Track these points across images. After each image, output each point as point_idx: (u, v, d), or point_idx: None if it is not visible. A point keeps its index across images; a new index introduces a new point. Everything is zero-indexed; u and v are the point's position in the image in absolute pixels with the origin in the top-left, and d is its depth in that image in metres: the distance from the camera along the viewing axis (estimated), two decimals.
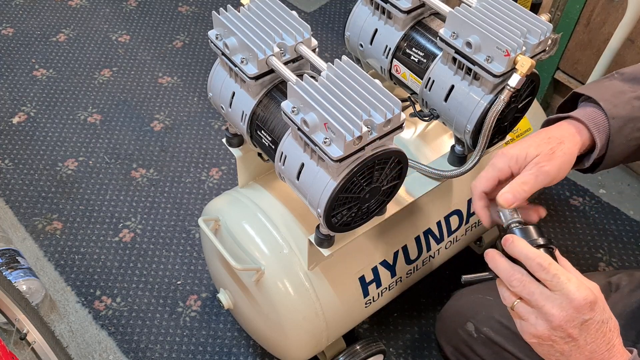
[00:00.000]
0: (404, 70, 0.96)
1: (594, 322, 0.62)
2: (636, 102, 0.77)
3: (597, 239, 1.50)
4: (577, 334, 0.62)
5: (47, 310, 1.34)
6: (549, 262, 0.63)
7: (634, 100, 0.77)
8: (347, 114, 0.70)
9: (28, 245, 1.44)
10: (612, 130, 0.76)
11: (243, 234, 0.99)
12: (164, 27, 2.00)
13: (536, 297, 0.63)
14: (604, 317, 0.62)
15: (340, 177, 0.74)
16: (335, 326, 1.03)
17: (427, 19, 0.95)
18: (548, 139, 0.75)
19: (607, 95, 0.77)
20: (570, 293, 0.61)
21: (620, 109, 0.76)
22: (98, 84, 1.80)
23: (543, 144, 0.74)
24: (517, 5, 0.85)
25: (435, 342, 1.30)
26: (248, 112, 0.86)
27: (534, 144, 0.75)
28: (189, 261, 1.43)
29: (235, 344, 1.30)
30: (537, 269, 0.64)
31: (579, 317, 0.61)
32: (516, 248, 0.66)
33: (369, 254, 1.02)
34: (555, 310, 0.62)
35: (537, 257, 0.64)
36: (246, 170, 1.04)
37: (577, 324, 0.61)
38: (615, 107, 0.76)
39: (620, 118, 0.76)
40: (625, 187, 1.61)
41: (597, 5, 1.46)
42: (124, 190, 1.55)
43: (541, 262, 0.63)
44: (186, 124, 1.71)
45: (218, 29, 0.85)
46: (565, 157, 0.74)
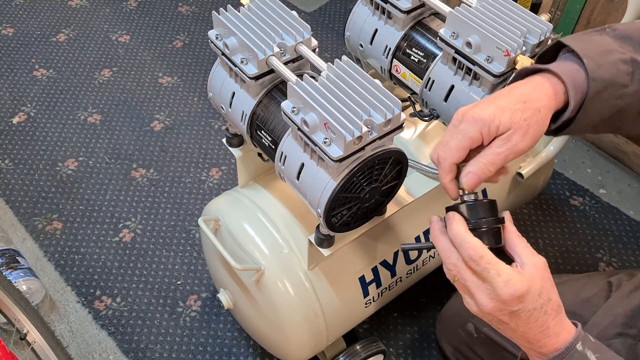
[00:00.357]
0: (404, 70, 0.96)
1: (524, 311, 0.62)
2: (622, 66, 0.67)
3: (597, 239, 1.50)
4: (508, 320, 0.63)
5: (47, 310, 1.34)
6: (480, 255, 0.62)
7: (621, 63, 0.67)
8: (347, 114, 0.71)
9: (28, 245, 1.44)
10: (589, 92, 0.66)
11: (243, 234, 0.99)
12: (164, 27, 2.00)
13: (469, 284, 0.64)
14: (537, 304, 0.62)
15: (340, 177, 0.74)
16: (335, 326, 1.03)
17: (427, 19, 0.95)
18: (523, 103, 0.65)
19: (593, 52, 0.67)
20: (498, 288, 0.61)
21: (604, 70, 0.66)
22: (98, 84, 1.80)
23: (518, 111, 0.64)
24: (517, 5, 0.85)
25: (435, 342, 1.30)
26: (248, 112, 0.86)
27: (508, 109, 0.64)
28: (189, 261, 1.43)
29: (235, 344, 1.30)
30: (468, 260, 0.63)
31: (507, 309, 0.62)
32: (452, 232, 0.64)
33: (369, 254, 1.02)
34: (485, 300, 0.63)
35: (470, 247, 0.62)
36: (246, 170, 1.04)
37: (505, 313, 0.62)
38: (599, 67, 0.66)
39: (601, 81, 0.66)
40: (625, 187, 1.61)
41: (597, 5, 1.46)
42: (124, 190, 1.55)
43: (472, 255, 0.62)
44: (186, 124, 1.71)
45: (218, 29, 0.85)
46: (539, 128, 0.66)
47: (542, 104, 0.65)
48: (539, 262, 0.64)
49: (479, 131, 0.64)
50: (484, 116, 0.64)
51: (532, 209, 1.55)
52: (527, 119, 0.64)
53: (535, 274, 0.63)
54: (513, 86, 0.68)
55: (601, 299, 0.93)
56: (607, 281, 0.96)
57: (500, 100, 0.65)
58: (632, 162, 1.63)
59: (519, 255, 0.65)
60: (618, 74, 0.67)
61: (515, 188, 1.19)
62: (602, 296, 0.94)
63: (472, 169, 0.66)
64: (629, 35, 0.70)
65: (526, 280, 0.62)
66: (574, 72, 0.67)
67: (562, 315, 0.64)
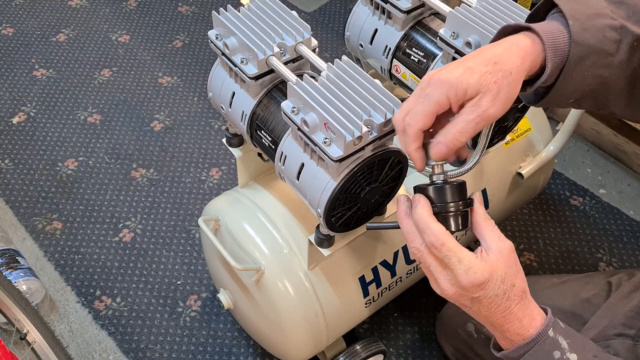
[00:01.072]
0: (404, 70, 0.96)
1: (485, 297, 0.62)
2: (610, 32, 0.62)
3: (597, 239, 1.50)
4: (470, 304, 0.63)
5: (47, 310, 1.34)
6: (441, 243, 0.61)
7: (609, 29, 0.62)
8: (347, 114, 0.71)
9: (28, 245, 1.44)
10: (570, 57, 0.61)
11: (243, 234, 0.99)
12: (164, 27, 2.00)
13: (431, 269, 0.64)
14: (500, 290, 0.62)
15: (340, 177, 0.74)
16: (335, 326, 1.03)
17: (427, 19, 0.95)
18: (494, 64, 0.60)
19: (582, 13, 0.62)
20: (458, 276, 0.61)
21: (590, 35, 0.61)
22: (98, 84, 1.80)
23: (487, 74, 0.59)
24: (517, 5, 0.85)
25: (435, 342, 1.30)
26: (248, 112, 0.86)
27: (477, 71, 0.59)
28: (189, 261, 1.43)
29: (235, 344, 1.30)
30: (429, 246, 0.62)
31: (468, 295, 0.62)
32: (416, 215, 0.63)
33: (369, 254, 1.02)
34: (446, 285, 0.63)
35: (432, 234, 0.61)
36: (246, 170, 1.04)
37: (467, 298, 0.63)
38: (584, 30, 0.61)
39: (585, 45, 0.61)
40: (625, 187, 1.61)
41: None
42: (124, 190, 1.55)
43: (433, 242, 0.61)
44: (186, 124, 1.71)
45: (218, 29, 0.85)
46: (511, 91, 0.60)
47: (514, 65, 0.60)
48: (505, 247, 0.63)
49: (446, 95, 0.60)
50: (450, 78, 0.59)
51: (532, 209, 1.55)
52: (497, 81, 0.59)
53: (500, 259, 0.62)
54: (485, 47, 0.63)
55: (601, 299, 0.93)
56: (607, 281, 0.96)
57: (469, 62, 0.60)
58: (632, 162, 1.63)
59: (484, 240, 0.64)
60: (604, 40, 0.62)
61: (515, 188, 1.19)
62: (602, 296, 0.94)
63: (442, 138, 0.61)
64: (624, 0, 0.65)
65: (488, 267, 0.61)
66: (556, 33, 0.62)
67: (526, 300, 0.64)
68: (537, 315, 0.64)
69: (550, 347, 0.62)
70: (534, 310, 0.64)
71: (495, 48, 0.62)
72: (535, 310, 0.64)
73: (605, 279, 0.97)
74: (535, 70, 0.63)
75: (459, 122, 0.60)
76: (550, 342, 0.62)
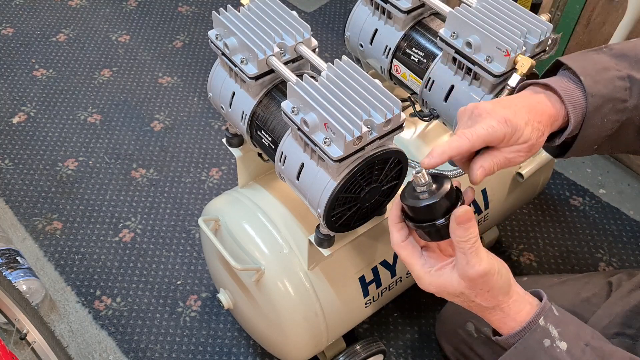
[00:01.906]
0: (404, 70, 0.96)
1: (463, 301, 0.67)
2: (619, 82, 0.71)
3: (597, 239, 1.50)
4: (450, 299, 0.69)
5: (47, 310, 1.34)
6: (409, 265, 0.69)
7: (617, 79, 0.71)
8: (347, 114, 0.71)
9: (28, 245, 1.44)
10: (589, 108, 0.69)
11: (243, 234, 0.99)
12: (164, 27, 2.00)
13: (413, 273, 0.69)
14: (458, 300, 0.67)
15: (340, 177, 0.74)
16: (335, 326, 1.03)
17: (427, 19, 0.95)
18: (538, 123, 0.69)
19: (590, 69, 0.71)
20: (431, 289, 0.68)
21: (602, 86, 0.70)
22: (98, 84, 1.80)
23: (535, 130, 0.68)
24: (517, 5, 0.85)
25: (435, 342, 1.30)
26: (248, 112, 0.86)
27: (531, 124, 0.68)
28: (189, 261, 1.43)
29: (235, 344, 1.30)
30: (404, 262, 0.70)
31: (446, 297, 0.68)
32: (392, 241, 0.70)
33: (369, 254, 1.02)
34: (425, 286, 0.68)
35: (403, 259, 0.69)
36: (246, 170, 1.04)
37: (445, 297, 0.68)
38: (596, 83, 0.70)
39: (599, 96, 0.69)
40: (625, 187, 1.61)
41: (597, 5, 1.46)
42: (124, 190, 1.55)
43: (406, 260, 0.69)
44: (186, 124, 1.71)
45: (218, 29, 0.85)
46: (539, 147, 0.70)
47: (547, 125, 0.69)
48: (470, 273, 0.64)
49: (504, 134, 0.67)
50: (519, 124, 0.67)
51: (532, 209, 1.55)
52: (538, 138, 0.68)
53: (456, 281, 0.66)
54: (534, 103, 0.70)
55: (601, 299, 0.93)
56: (607, 281, 0.96)
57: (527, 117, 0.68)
58: (632, 162, 1.63)
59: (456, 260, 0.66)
60: (615, 89, 0.70)
61: (515, 188, 1.19)
62: (602, 296, 0.94)
63: (485, 164, 0.68)
64: (624, 53, 0.73)
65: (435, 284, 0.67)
66: (571, 90, 0.70)
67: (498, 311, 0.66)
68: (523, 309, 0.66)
69: (541, 336, 0.63)
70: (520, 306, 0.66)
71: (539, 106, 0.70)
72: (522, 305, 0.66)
73: (605, 279, 0.97)
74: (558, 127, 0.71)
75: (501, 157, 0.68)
76: (540, 331, 0.64)
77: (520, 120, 0.67)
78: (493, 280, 0.64)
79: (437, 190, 0.66)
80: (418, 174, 0.66)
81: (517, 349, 0.64)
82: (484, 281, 0.64)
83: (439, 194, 0.65)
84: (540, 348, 0.63)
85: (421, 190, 0.66)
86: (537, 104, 0.69)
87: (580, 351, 0.63)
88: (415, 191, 0.67)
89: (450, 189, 0.66)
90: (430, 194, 0.66)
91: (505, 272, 0.66)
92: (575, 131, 0.71)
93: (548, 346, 0.63)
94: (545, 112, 0.69)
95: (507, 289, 0.65)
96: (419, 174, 0.66)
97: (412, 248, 0.69)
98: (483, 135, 0.67)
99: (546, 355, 0.63)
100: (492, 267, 0.64)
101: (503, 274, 0.65)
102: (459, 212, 0.64)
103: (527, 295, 0.67)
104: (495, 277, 0.64)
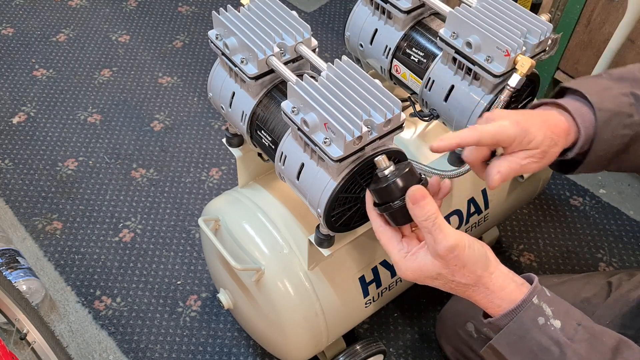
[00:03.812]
0: (404, 70, 0.96)
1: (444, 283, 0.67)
2: (623, 98, 0.75)
3: (597, 239, 1.50)
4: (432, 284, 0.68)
5: (47, 310, 1.34)
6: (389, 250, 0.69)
7: (621, 96, 0.75)
8: (347, 114, 0.70)
9: (28, 245, 1.44)
10: (598, 123, 0.73)
11: (243, 234, 0.99)
12: (164, 27, 2.00)
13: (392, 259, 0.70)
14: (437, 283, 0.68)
15: (340, 177, 0.74)
16: (335, 326, 1.03)
17: (427, 19, 0.95)
18: (551, 132, 0.72)
19: (594, 89, 0.75)
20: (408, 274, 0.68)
21: (608, 102, 0.74)
22: (98, 84, 1.81)
23: (548, 138, 0.71)
24: (517, 5, 0.85)
25: (435, 342, 1.30)
26: (248, 112, 0.86)
27: (543, 132, 0.71)
28: (189, 261, 1.43)
29: (235, 344, 1.30)
30: None
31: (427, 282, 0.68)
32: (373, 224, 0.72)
33: (369, 254, 1.02)
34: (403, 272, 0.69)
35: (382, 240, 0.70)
36: (246, 170, 1.04)
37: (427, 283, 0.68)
38: (602, 100, 0.74)
39: (606, 111, 0.73)
40: (625, 187, 1.61)
41: (597, 5, 1.46)
42: (124, 190, 1.55)
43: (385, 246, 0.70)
44: (186, 124, 1.71)
45: (218, 29, 0.85)
46: (549, 160, 0.73)
47: (561, 139, 0.73)
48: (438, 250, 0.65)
49: (514, 134, 0.69)
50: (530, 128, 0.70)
51: (532, 209, 1.55)
52: (551, 147, 0.72)
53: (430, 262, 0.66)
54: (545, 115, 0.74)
55: (601, 299, 0.93)
56: (607, 281, 0.96)
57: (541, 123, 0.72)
58: None
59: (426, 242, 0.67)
60: (621, 104, 0.74)
61: (515, 188, 1.19)
62: (602, 296, 0.94)
63: (502, 169, 0.71)
64: (623, 76, 0.78)
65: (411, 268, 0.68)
66: (580, 108, 0.74)
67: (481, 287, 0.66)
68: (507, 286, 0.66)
69: (535, 314, 0.64)
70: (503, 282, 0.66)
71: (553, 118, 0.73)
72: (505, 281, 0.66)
73: (605, 279, 0.97)
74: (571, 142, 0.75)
75: (515, 162, 0.71)
76: (534, 309, 0.64)
77: (532, 125, 0.70)
78: (464, 254, 0.64)
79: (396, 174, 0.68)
80: (379, 157, 0.69)
81: (510, 328, 0.64)
82: (455, 256, 0.64)
83: (393, 175, 0.68)
84: (535, 326, 0.63)
85: (382, 175, 0.69)
86: (550, 117, 0.73)
87: (573, 329, 0.64)
88: (377, 176, 0.70)
89: (408, 171, 0.68)
90: (390, 177, 0.68)
91: (479, 247, 0.65)
92: (586, 147, 0.75)
93: (542, 324, 0.63)
94: (558, 125, 0.72)
95: (485, 263, 0.65)
96: (380, 157, 0.69)
97: (391, 234, 0.70)
98: (492, 131, 0.69)
99: (540, 332, 0.63)
100: (461, 241, 0.64)
101: (476, 248, 0.65)
102: (411, 191, 0.66)
103: (511, 274, 0.67)
104: (467, 251, 0.64)
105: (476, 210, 1.14)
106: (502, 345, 0.65)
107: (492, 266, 0.66)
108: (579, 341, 0.63)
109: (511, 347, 0.65)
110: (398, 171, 0.68)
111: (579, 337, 0.63)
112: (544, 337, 0.63)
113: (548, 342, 0.63)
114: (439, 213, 0.65)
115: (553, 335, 0.63)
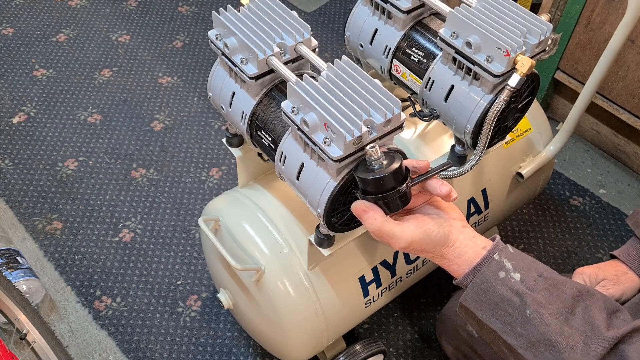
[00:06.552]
0: (404, 70, 0.96)
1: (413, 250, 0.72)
2: None
3: (597, 239, 1.50)
4: None
5: (47, 310, 1.34)
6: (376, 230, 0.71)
7: None
8: (347, 114, 0.70)
9: (28, 245, 1.44)
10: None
11: (243, 234, 0.99)
12: (164, 27, 2.00)
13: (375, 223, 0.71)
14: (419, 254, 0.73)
15: (340, 177, 0.74)
16: (335, 326, 1.03)
17: (427, 19, 0.95)
18: (615, 267, 0.94)
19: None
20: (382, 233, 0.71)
21: None
22: (98, 84, 1.81)
23: (610, 268, 0.92)
24: (517, 5, 0.85)
25: (435, 342, 1.30)
26: (248, 112, 0.86)
27: (603, 268, 0.93)
28: (189, 261, 1.43)
29: (235, 344, 1.30)
30: None
31: None
32: None
33: (369, 254, 1.02)
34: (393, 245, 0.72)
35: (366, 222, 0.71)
36: (246, 170, 1.04)
37: None
38: None
39: None
40: (625, 187, 1.61)
41: (597, 5, 1.46)
42: (124, 190, 1.55)
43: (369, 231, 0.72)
44: (186, 124, 1.71)
45: (218, 29, 0.85)
46: (629, 282, 0.91)
47: (629, 270, 0.95)
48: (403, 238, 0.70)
49: (582, 281, 0.91)
50: (586, 271, 0.93)
51: (532, 209, 1.55)
52: (617, 274, 0.93)
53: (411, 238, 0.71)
54: (610, 261, 0.98)
55: None
56: None
57: (600, 265, 0.95)
58: (632, 162, 1.63)
59: None
60: None
61: (515, 188, 1.19)
62: None
63: None
64: None
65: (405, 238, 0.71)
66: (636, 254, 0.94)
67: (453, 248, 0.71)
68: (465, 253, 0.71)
69: (496, 269, 0.68)
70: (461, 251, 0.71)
71: (615, 262, 0.97)
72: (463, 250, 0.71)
73: None
74: None
75: None
76: (495, 264, 0.69)
77: (591, 268, 0.93)
78: (421, 244, 0.70)
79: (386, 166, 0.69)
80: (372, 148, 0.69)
81: (475, 284, 0.69)
82: (412, 249, 0.71)
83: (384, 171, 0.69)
84: (496, 279, 0.68)
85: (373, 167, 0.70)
86: (622, 266, 0.95)
87: (533, 280, 0.68)
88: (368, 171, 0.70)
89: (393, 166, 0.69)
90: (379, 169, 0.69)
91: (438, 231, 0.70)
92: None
93: (503, 277, 0.68)
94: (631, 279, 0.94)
95: (444, 241, 0.70)
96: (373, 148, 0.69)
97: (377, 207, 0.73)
98: (587, 272, 0.93)
99: (501, 284, 0.68)
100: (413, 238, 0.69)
101: (433, 236, 0.70)
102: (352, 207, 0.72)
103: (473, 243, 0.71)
104: (421, 242, 0.70)
105: (476, 210, 1.14)
106: (469, 301, 0.70)
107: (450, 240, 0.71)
108: (539, 290, 0.67)
109: (477, 302, 0.69)
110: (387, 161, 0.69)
111: (539, 287, 0.67)
112: (505, 289, 0.68)
113: (509, 293, 0.67)
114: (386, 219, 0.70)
115: (513, 287, 0.67)
